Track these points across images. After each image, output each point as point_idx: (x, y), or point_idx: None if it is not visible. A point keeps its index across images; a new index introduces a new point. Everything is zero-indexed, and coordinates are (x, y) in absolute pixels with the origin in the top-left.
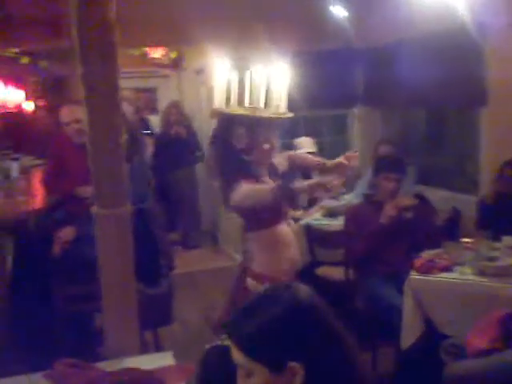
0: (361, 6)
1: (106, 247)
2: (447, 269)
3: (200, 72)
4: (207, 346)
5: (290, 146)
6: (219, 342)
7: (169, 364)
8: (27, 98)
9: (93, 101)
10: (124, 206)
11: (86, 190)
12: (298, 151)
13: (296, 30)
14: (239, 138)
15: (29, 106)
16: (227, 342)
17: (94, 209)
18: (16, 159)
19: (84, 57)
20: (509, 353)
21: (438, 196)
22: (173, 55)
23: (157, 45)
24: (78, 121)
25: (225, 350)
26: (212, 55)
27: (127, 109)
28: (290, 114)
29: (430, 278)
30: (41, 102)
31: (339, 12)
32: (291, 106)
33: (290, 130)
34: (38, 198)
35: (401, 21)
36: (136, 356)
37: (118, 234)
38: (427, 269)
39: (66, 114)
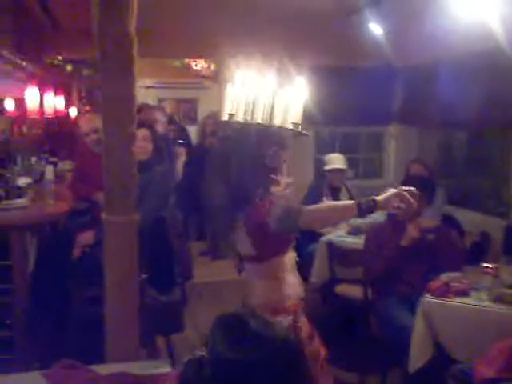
0: (398, 25)
1: (112, 253)
2: (463, 293)
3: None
4: (186, 359)
5: (320, 162)
6: (199, 354)
7: (164, 371)
8: (71, 105)
9: (108, 111)
10: (132, 215)
11: (102, 196)
12: (327, 167)
13: (332, 45)
14: (273, 156)
15: (72, 112)
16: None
17: (104, 215)
18: (53, 163)
19: (102, 67)
20: None
21: (470, 218)
22: (213, 67)
23: (197, 57)
24: (96, 130)
25: (202, 362)
26: (246, 68)
27: (159, 118)
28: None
29: (443, 301)
30: (84, 109)
31: (377, 30)
32: (328, 122)
33: (327, 145)
34: (66, 202)
35: (438, 40)
36: (133, 362)
37: (125, 242)
38: (442, 292)
39: (85, 123)
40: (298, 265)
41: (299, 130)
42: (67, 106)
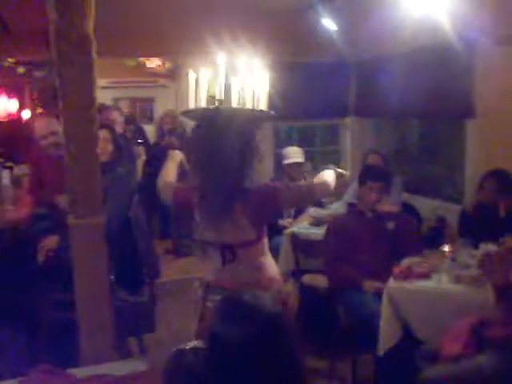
0: (351, 20)
1: (80, 256)
2: (425, 276)
3: (196, 81)
4: (172, 350)
5: (279, 156)
6: (185, 347)
7: (141, 370)
8: (24, 107)
9: (68, 112)
10: (98, 217)
11: (63, 200)
12: (287, 160)
13: (288, 41)
14: (259, 142)
15: (25, 115)
16: (191, 346)
17: (69, 219)
18: (8, 168)
19: (61, 70)
20: (480, 357)
21: (427, 205)
22: (167, 65)
23: (151, 55)
24: (53, 133)
25: (188, 355)
26: (205, 64)
27: (117, 118)
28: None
29: (407, 285)
30: (37, 111)
31: (331, 25)
32: (285, 117)
33: (284, 139)
34: (25, 206)
35: (389, 35)
36: (109, 363)
37: (92, 244)
38: (405, 276)
39: (42, 126)
40: None
41: (272, 113)
42: (20, 108)
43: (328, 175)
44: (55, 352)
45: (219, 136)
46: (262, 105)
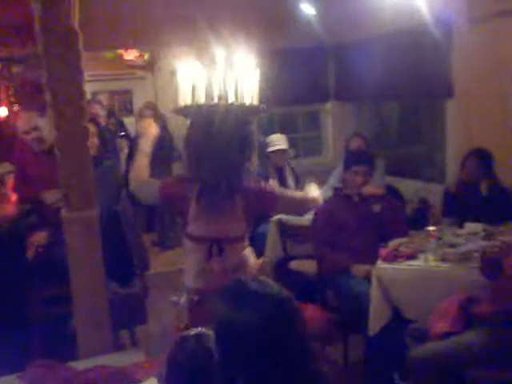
0: (329, 4)
1: (75, 250)
2: (412, 257)
3: (175, 73)
4: (180, 335)
5: (263, 144)
6: (189, 333)
7: (140, 360)
8: (0, 104)
9: (58, 106)
10: (91, 210)
11: (49, 196)
12: (271, 148)
13: (266, 27)
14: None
15: (2, 112)
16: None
17: (63, 212)
18: None
19: (48, 63)
20: (468, 334)
21: (410, 186)
22: (145, 57)
23: (129, 47)
24: (36, 128)
25: (191, 341)
26: (183, 55)
27: (99, 112)
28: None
29: (395, 265)
30: (15, 108)
31: (308, 10)
32: (266, 104)
33: (265, 127)
34: (11, 204)
35: (368, 18)
36: (108, 354)
37: (87, 237)
38: (392, 257)
39: (24, 122)
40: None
41: (263, 106)
42: None
43: (315, 190)
44: (48, 347)
45: (218, 132)
46: (255, 97)
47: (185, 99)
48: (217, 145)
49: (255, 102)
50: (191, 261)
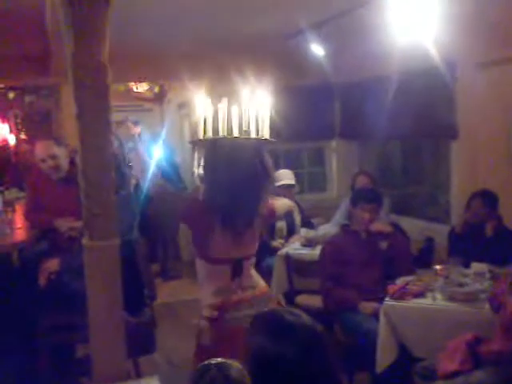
0: (339, 45)
1: (95, 279)
2: (420, 295)
3: (182, 106)
4: (201, 364)
5: None
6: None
7: None
8: (10, 132)
9: (86, 138)
10: (113, 239)
11: (62, 224)
12: (279, 183)
13: (275, 65)
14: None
15: (12, 140)
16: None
17: (84, 241)
18: (0, 192)
19: (78, 97)
20: (476, 374)
21: (413, 225)
22: (156, 89)
23: (141, 80)
24: (53, 157)
25: (213, 370)
26: (195, 90)
27: (113, 143)
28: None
29: (403, 303)
30: (23, 136)
31: (317, 50)
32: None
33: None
34: (21, 230)
35: (375, 59)
36: (124, 382)
37: (107, 266)
38: (400, 295)
39: (42, 150)
40: None
41: (273, 139)
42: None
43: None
44: (56, 373)
45: (238, 163)
46: (266, 130)
47: (202, 132)
48: (238, 175)
49: (267, 135)
50: (211, 281)
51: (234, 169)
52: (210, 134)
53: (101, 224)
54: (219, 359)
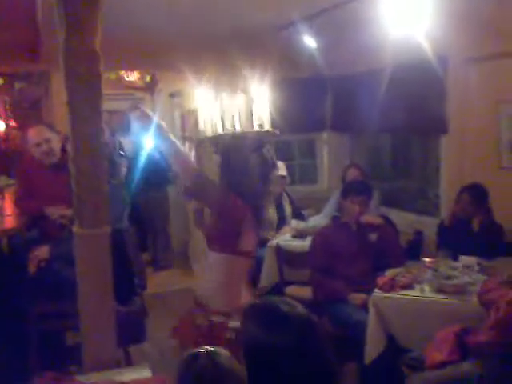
0: (331, 38)
1: (86, 266)
2: (408, 287)
3: (174, 95)
4: (190, 352)
5: None
6: (198, 350)
7: (145, 376)
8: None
9: (78, 126)
10: (104, 227)
11: (53, 211)
12: None
13: (269, 58)
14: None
15: (1, 126)
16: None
17: (75, 228)
18: None
19: (69, 84)
20: (463, 364)
21: (403, 218)
22: (147, 79)
23: (132, 69)
24: (47, 141)
25: (201, 358)
26: (189, 80)
27: (105, 131)
28: (277, 131)
29: (392, 295)
30: (12, 123)
31: (310, 43)
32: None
33: None
34: (11, 217)
35: (368, 52)
36: (113, 369)
37: (98, 254)
38: (389, 287)
39: (36, 134)
40: None
41: (276, 132)
42: None
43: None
44: (46, 360)
45: (254, 157)
46: (266, 123)
47: (206, 127)
48: (251, 169)
49: (268, 127)
50: (239, 279)
51: (246, 164)
52: (211, 128)
53: (91, 212)
54: (208, 347)
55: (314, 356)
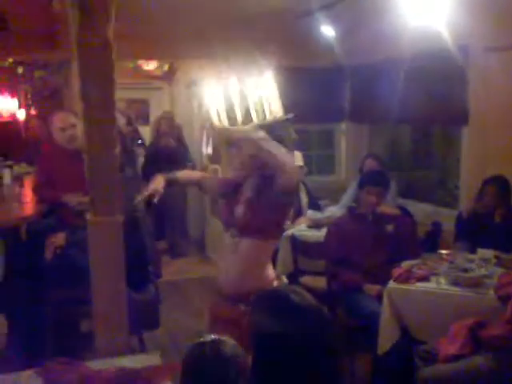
0: (349, 26)
1: (99, 254)
2: (424, 279)
3: (191, 84)
4: (196, 341)
5: None
6: (204, 339)
7: (156, 363)
8: (19, 107)
9: (90, 114)
10: (117, 215)
11: (72, 198)
12: None
13: (286, 46)
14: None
15: (21, 115)
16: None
17: (88, 216)
18: (8, 167)
19: (82, 73)
20: (476, 358)
21: (421, 209)
22: (166, 68)
23: (150, 58)
24: (72, 126)
25: (207, 347)
26: (207, 69)
27: (120, 120)
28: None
29: (407, 286)
30: (32, 111)
31: (328, 31)
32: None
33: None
34: (30, 204)
35: (387, 41)
36: (125, 356)
37: (111, 242)
38: (405, 278)
39: (62, 119)
40: None
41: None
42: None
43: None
44: (61, 346)
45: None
46: (277, 110)
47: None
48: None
49: (281, 113)
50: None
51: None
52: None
53: (104, 200)
54: (213, 336)
55: (321, 349)
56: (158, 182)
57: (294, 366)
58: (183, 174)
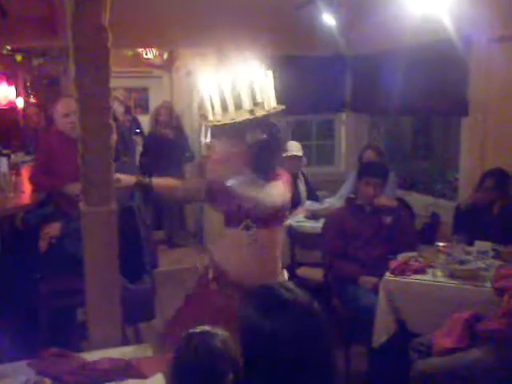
0: (350, 16)
1: (92, 244)
2: (420, 271)
3: (191, 73)
4: (186, 333)
5: None
6: (195, 331)
7: (148, 356)
8: (17, 95)
9: (85, 102)
10: (110, 205)
11: (76, 188)
12: (285, 154)
13: (287, 36)
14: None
15: (19, 103)
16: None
17: (81, 205)
18: (6, 155)
19: (77, 60)
20: (472, 351)
21: (419, 201)
22: (165, 56)
23: (148, 47)
24: (75, 112)
25: (197, 338)
26: (206, 58)
27: (118, 109)
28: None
29: (403, 279)
30: (31, 99)
31: (329, 21)
32: (283, 111)
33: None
34: (26, 193)
35: (389, 31)
36: (117, 348)
37: (104, 231)
38: (401, 270)
39: (65, 105)
40: None
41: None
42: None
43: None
44: (56, 336)
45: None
46: (272, 100)
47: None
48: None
49: (274, 104)
50: None
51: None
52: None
53: (97, 189)
54: (203, 327)
55: (311, 345)
56: (130, 179)
57: (283, 363)
58: (161, 181)
